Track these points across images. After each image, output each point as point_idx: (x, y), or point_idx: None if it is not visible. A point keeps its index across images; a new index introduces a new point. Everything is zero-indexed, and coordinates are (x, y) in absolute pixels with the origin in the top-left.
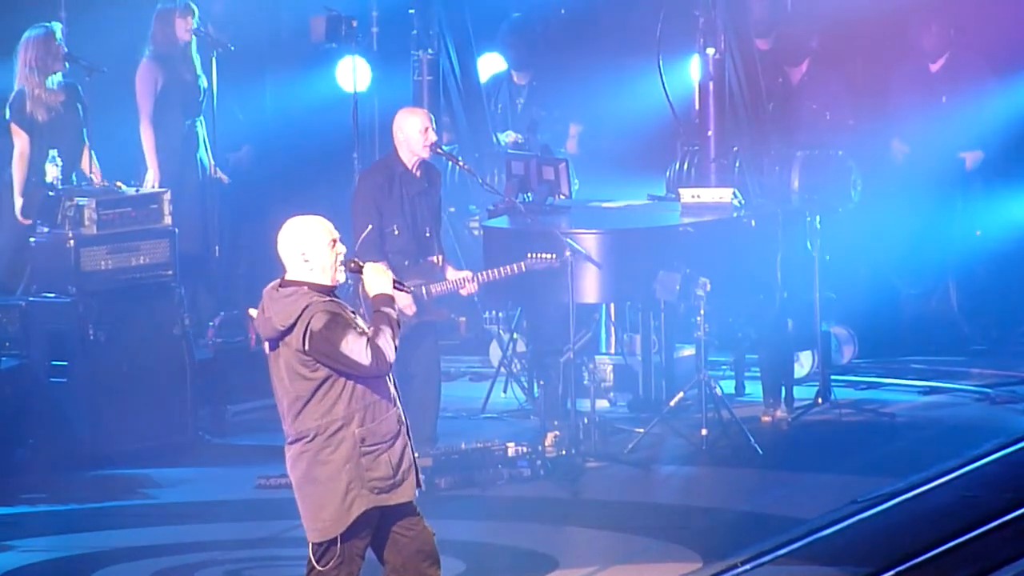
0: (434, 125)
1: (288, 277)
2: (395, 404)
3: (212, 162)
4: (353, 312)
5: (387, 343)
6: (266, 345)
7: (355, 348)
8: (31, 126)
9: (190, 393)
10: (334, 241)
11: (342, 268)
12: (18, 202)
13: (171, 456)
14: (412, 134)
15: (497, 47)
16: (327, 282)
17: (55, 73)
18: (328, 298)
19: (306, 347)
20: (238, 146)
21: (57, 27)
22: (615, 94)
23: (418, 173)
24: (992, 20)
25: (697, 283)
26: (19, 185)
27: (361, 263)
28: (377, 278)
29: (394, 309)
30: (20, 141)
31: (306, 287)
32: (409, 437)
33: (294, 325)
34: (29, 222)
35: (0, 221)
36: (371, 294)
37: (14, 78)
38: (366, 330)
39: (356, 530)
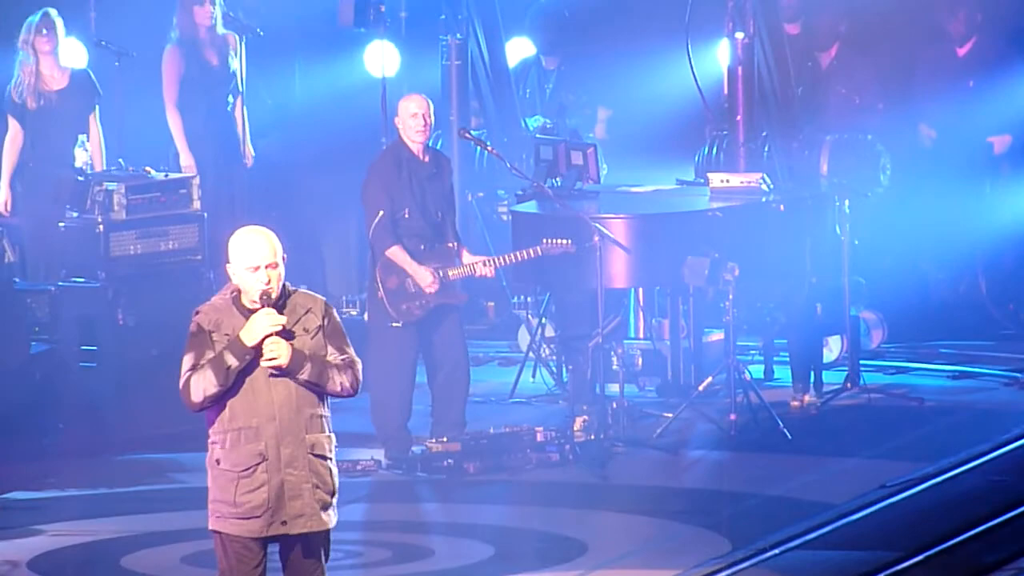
0: (430, 111)
1: None
2: (259, 438)
3: (246, 147)
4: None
5: (200, 383)
6: None
7: (182, 370)
8: (23, 115)
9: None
10: (256, 267)
11: (258, 295)
12: (3, 194)
13: (200, 441)
14: (405, 118)
15: (526, 31)
16: (247, 301)
17: (47, 55)
18: (222, 310)
19: None
20: (266, 131)
21: (50, 12)
22: (644, 79)
23: (426, 158)
24: (1019, 5)
25: (726, 268)
26: (6, 172)
27: (267, 302)
28: (253, 324)
29: (238, 360)
30: (11, 129)
31: (235, 293)
32: (298, 484)
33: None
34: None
35: (31, 207)
36: (239, 334)
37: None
38: (206, 359)
39: (224, 543)
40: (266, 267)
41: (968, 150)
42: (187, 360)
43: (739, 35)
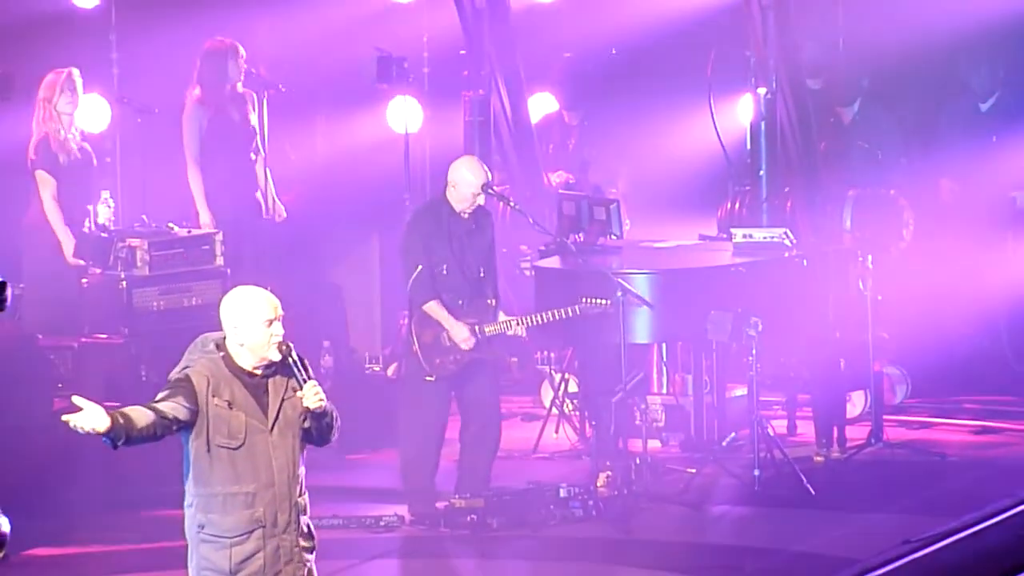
0: (489, 181)
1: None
2: (255, 504)
3: (272, 201)
4: (227, 402)
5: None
6: None
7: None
8: (56, 170)
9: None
10: (269, 321)
11: (274, 348)
12: (67, 244)
13: None
14: (464, 189)
15: (548, 87)
16: (245, 364)
17: (70, 115)
18: (219, 374)
19: None
20: (289, 187)
21: (74, 73)
22: (666, 134)
23: (465, 215)
24: None
25: (749, 323)
26: (60, 228)
27: (287, 352)
28: (312, 392)
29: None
30: (48, 186)
31: (223, 353)
32: (290, 548)
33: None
34: (80, 263)
35: (44, 264)
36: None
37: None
38: (169, 408)
39: None
40: (276, 320)
41: (991, 205)
42: (161, 396)
43: (761, 90)
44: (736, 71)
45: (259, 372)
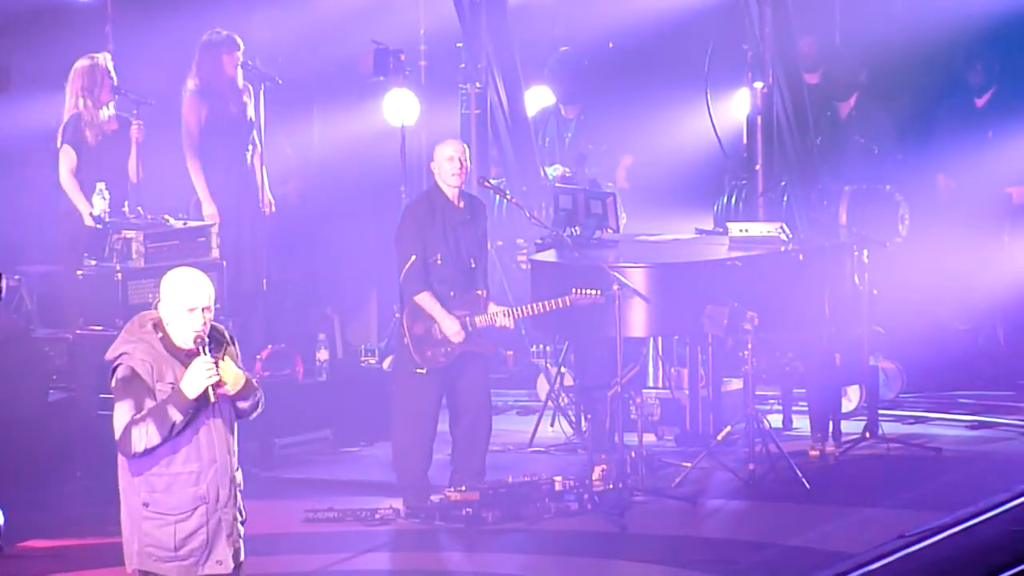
0: (465, 155)
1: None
2: (199, 482)
3: (264, 195)
4: (170, 382)
5: (142, 436)
6: None
7: (118, 417)
8: (81, 147)
9: (237, 426)
10: (191, 309)
11: (191, 337)
12: (85, 208)
13: None
14: (442, 163)
15: (545, 80)
16: (181, 343)
17: (105, 104)
18: (158, 356)
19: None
20: (286, 180)
21: (105, 57)
22: (663, 128)
23: (460, 204)
24: None
25: (745, 317)
26: (77, 196)
27: (201, 346)
28: (192, 377)
29: (183, 415)
30: (69, 159)
31: (160, 334)
32: (230, 521)
33: (112, 361)
34: (98, 226)
35: (55, 254)
36: (180, 384)
37: (64, 108)
38: (146, 407)
39: None
40: (203, 309)
41: (986, 200)
42: (123, 409)
43: (758, 85)
44: (733, 65)
45: (194, 349)
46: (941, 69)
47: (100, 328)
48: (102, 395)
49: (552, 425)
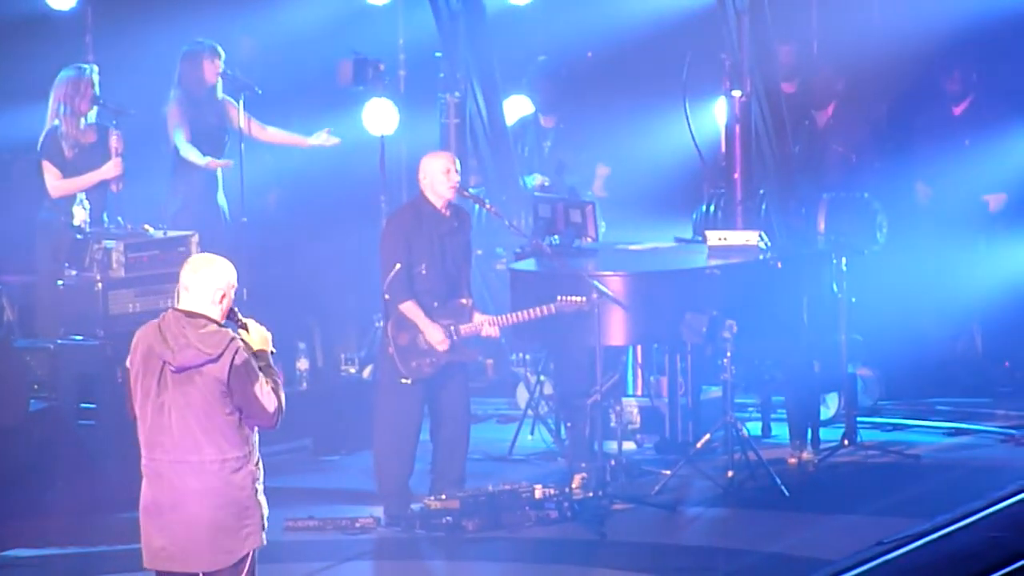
0: (457, 166)
1: (193, 309)
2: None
3: (239, 204)
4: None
5: (281, 394)
6: (168, 366)
7: (264, 393)
8: (58, 160)
9: None
10: (233, 287)
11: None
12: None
13: None
14: (436, 176)
15: (524, 90)
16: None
17: (84, 114)
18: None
19: (229, 380)
20: (265, 189)
21: (90, 68)
22: (642, 137)
23: (447, 213)
24: (1015, 64)
25: (724, 325)
26: (72, 187)
27: (243, 318)
28: (262, 333)
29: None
30: (51, 174)
31: (215, 324)
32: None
33: (220, 356)
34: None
35: (36, 264)
36: (255, 348)
37: (47, 116)
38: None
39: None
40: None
41: (964, 208)
42: (262, 381)
43: (736, 93)
44: (711, 74)
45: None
46: (919, 78)
47: (81, 338)
48: (83, 405)
49: (532, 434)
